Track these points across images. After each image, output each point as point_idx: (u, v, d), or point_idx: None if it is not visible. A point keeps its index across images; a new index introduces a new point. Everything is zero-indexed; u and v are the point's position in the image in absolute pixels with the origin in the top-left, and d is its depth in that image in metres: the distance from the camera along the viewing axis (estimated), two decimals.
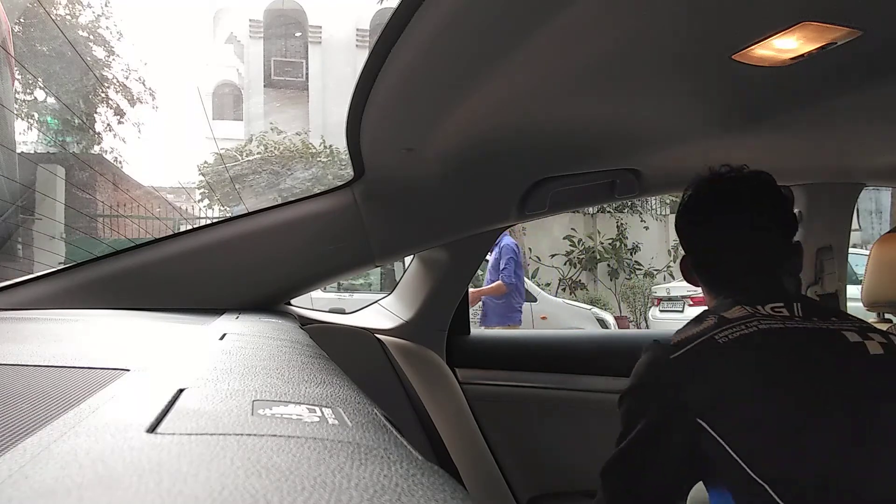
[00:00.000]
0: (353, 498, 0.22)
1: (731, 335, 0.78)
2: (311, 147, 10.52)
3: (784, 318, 0.79)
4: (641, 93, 0.87)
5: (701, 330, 0.81)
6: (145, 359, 0.51)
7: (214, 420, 0.31)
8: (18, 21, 7.56)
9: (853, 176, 1.50)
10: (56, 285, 1.03)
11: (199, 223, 3.82)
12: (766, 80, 0.81)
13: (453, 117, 0.89)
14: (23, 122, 8.35)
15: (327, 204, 1.19)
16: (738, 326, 0.78)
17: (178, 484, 0.21)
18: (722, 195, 0.90)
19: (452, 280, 1.47)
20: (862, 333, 0.76)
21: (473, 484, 1.36)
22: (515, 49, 0.68)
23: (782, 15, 0.64)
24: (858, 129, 1.11)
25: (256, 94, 14.44)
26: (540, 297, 6.34)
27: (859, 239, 9.95)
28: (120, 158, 9.90)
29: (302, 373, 0.51)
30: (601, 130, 1.04)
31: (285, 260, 1.18)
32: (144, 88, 9.96)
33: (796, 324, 0.78)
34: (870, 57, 0.75)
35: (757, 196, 0.89)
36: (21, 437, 0.28)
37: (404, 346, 1.43)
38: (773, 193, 0.89)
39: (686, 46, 0.72)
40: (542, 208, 1.28)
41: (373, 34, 13.24)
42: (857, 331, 0.76)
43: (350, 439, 0.31)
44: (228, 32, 15.61)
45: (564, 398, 1.50)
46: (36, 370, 0.46)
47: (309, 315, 1.34)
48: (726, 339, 0.78)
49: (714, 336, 0.79)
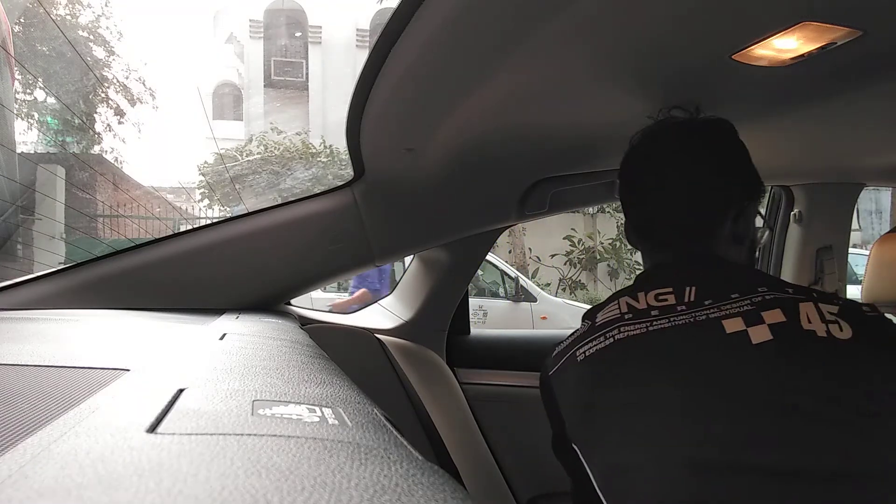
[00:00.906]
0: (353, 498, 0.22)
1: (589, 351, 0.71)
2: (311, 147, 10.52)
3: (662, 311, 0.68)
4: (642, 93, 0.87)
5: (572, 341, 0.75)
6: (145, 359, 0.51)
7: (214, 420, 0.31)
8: (18, 21, 7.56)
9: (853, 176, 1.49)
10: (56, 285, 1.03)
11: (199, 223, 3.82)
12: (766, 80, 0.81)
13: (453, 117, 0.89)
14: (23, 122, 8.35)
15: (327, 204, 1.19)
16: (598, 338, 0.71)
17: (178, 484, 0.21)
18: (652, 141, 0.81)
19: (452, 280, 1.47)
20: (752, 316, 0.63)
21: (473, 484, 1.36)
22: (516, 49, 0.68)
23: (782, 15, 0.64)
24: (858, 129, 1.11)
25: (256, 94, 14.45)
26: (540, 297, 6.34)
27: (859, 239, 9.96)
28: (120, 158, 9.91)
29: (302, 373, 0.51)
30: (601, 130, 1.04)
31: (285, 260, 1.18)
32: (144, 88, 9.98)
33: (667, 321, 0.67)
34: (870, 57, 0.75)
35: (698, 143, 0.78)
36: (21, 437, 0.28)
37: (404, 346, 1.43)
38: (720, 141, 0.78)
39: (686, 46, 0.72)
40: (542, 208, 1.28)
41: (373, 34, 13.24)
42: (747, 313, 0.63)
43: (350, 439, 0.31)
44: (228, 32, 15.60)
45: None
46: (36, 370, 0.46)
47: (309, 315, 1.34)
48: (583, 355, 0.71)
49: (576, 352, 0.72)
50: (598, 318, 0.75)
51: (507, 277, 6.31)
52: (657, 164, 0.80)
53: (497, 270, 6.34)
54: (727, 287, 0.68)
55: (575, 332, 0.78)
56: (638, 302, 0.71)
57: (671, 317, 0.67)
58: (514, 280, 6.26)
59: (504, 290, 6.33)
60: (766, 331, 0.61)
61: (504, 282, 6.33)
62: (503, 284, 6.34)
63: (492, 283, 6.48)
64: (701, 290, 0.68)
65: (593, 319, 0.75)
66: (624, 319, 0.70)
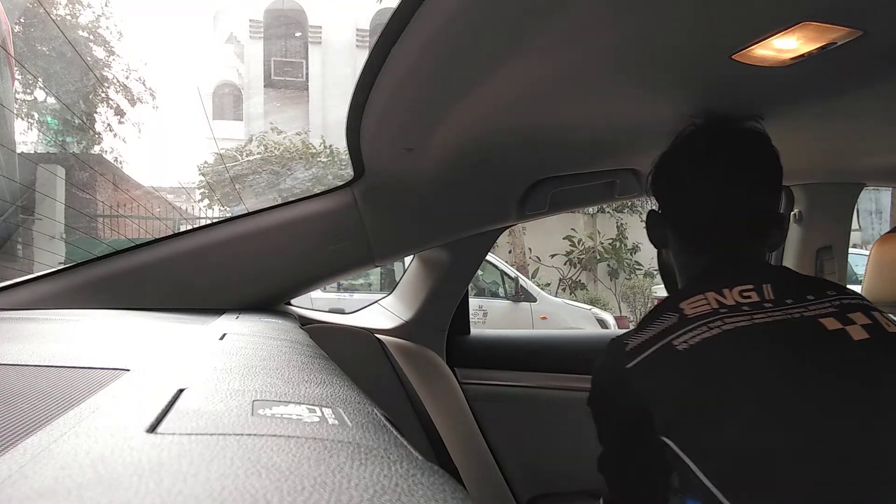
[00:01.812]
0: (353, 498, 0.22)
1: (692, 340, 0.68)
2: (311, 147, 10.52)
3: (752, 307, 0.69)
4: (641, 93, 0.87)
5: (658, 332, 0.72)
6: (145, 359, 0.51)
7: (214, 420, 0.31)
8: (18, 21, 7.56)
9: (853, 176, 1.49)
10: (56, 285, 1.03)
11: (199, 223, 3.83)
12: (766, 80, 0.81)
13: (453, 117, 0.89)
14: (23, 122, 8.36)
15: (327, 204, 1.19)
16: (700, 328, 0.68)
17: (178, 484, 0.21)
18: (716, 146, 0.83)
19: (452, 280, 1.47)
20: (841, 317, 0.67)
21: (473, 484, 1.36)
22: (516, 49, 0.68)
23: (782, 15, 0.64)
24: (858, 129, 1.10)
25: (256, 94, 14.45)
26: (540, 297, 6.34)
27: (859, 239, 9.96)
28: (120, 158, 9.91)
29: (302, 373, 0.51)
30: (601, 130, 1.04)
31: (285, 260, 1.18)
32: (144, 88, 9.97)
33: (766, 315, 0.68)
34: (870, 57, 0.75)
35: (755, 152, 0.82)
36: (21, 437, 0.28)
37: (404, 346, 1.43)
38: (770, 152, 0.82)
39: (686, 46, 0.72)
40: (542, 208, 1.28)
41: (373, 34, 13.24)
42: (836, 314, 0.67)
43: (350, 439, 0.31)
44: (228, 32, 15.60)
45: (564, 398, 1.50)
46: (36, 370, 0.46)
47: (309, 315, 1.34)
48: (686, 345, 0.68)
49: (672, 342, 0.69)
50: (685, 310, 0.72)
51: (507, 277, 6.31)
52: (717, 168, 0.81)
53: (497, 270, 6.34)
54: (799, 288, 0.72)
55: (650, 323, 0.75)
56: (725, 297, 0.71)
57: (767, 312, 0.69)
58: (514, 280, 6.27)
59: (504, 290, 6.34)
60: (861, 330, 0.65)
61: (504, 282, 6.33)
62: (503, 284, 6.34)
63: (491, 283, 6.48)
64: (777, 289, 0.71)
65: (679, 311, 0.72)
66: (720, 312, 0.70)
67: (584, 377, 1.51)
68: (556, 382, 1.52)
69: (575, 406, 1.52)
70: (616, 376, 0.74)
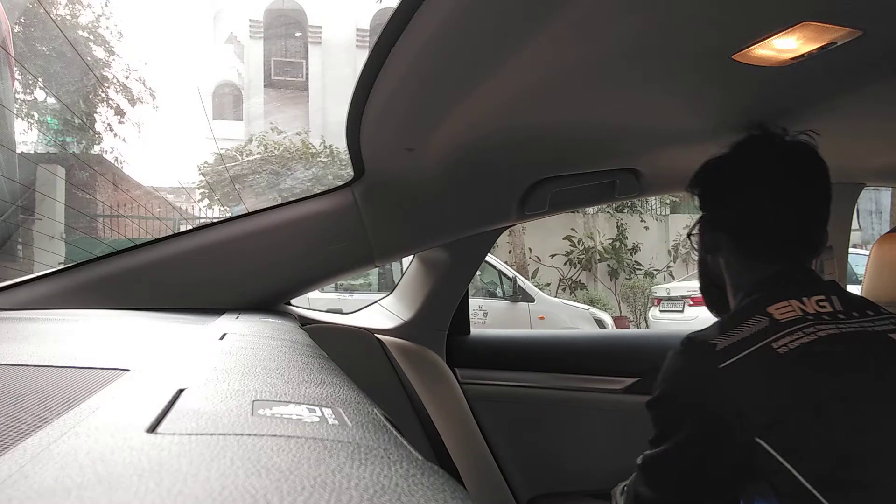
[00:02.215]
0: (353, 498, 0.22)
1: (792, 344, 0.70)
2: (311, 147, 10.52)
3: (833, 317, 0.73)
4: (641, 93, 0.87)
5: (752, 334, 0.73)
6: (145, 359, 0.51)
7: (214, 420, 0.31)
8: (18, 21, 7.56)
9: (853, 176, 1.49)
10: (56, 285, 1.03)
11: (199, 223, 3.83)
12: (766, 80, 0.81)
13: (453, 117, 0.89)
14: (23, 122, 8.35)
15: (327, 204, 1.19)
16: (796, 333, 0.71)
17: (178, 484, 0.21)
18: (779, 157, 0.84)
19: (452, 280, 1.47)
20: None
21: (473, 484, 1.36)
22: (516, 49, 0.68)
23: (782, 15, 0.64)
24: (858, 129, 1.11)
25: (256, 94, 14.44)
26: (538, 297, 6.34)
27: (859, 239, 9.96)
28: (120, 158, 9.89)
29: (302, 373, 0.51)
30: (601, 130, 1.04)
31: (285, 260, 1.18)
32: (144, 88, 9.96)
33: (847, 326, 0.72)
34: (870, 57, 0.75)
35: (812, 165, 0.83)
36: (21, 437, 0.28)
37: (404, 346, 1.43)
38: (823, 165, 0.84)
39: (686, 46, 0.72)
40: (542, 208, 1.28)
41: (373, 34, 13.23)
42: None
43: (350, 439, 0.31)
44: (228, 32, 15.60)
45: (564, 398, 1.50)
46: (36, 370, 0.46)
47: (309, 315, 1.34)
48: (786, 348, 0.70)
49: (771, 344, 0.71)
50: (774, 315, 0.74)
51: (505, 277, 6.31)
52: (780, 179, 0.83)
53: (494, 270, 6.34)
54: (856, 303, 0.76)
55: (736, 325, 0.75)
56: (806, 306, 0.74)
57: (846, 323, 0.73)
58: (512, 280, 6.26)
59: (501, 290, 6.33)
60: None
61: (501, 282, 6.33)
62: (501, 284, 6.34)
63: (489, 283, 6.48)
64: (842, 302, 0.75)
65: (769, 315, 0.74)
66: (808, 319, 0.73)
67: (585, 377, 1.53)
68: (557, 382, 1.52)
69: (575, 406, 1.52)
70: (705, 376, 0.73)
